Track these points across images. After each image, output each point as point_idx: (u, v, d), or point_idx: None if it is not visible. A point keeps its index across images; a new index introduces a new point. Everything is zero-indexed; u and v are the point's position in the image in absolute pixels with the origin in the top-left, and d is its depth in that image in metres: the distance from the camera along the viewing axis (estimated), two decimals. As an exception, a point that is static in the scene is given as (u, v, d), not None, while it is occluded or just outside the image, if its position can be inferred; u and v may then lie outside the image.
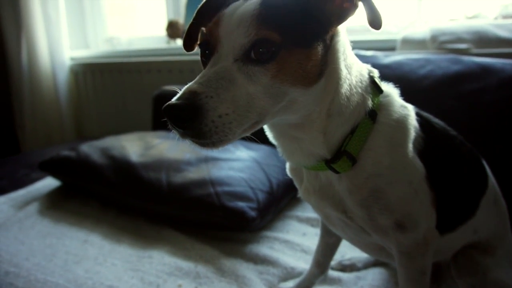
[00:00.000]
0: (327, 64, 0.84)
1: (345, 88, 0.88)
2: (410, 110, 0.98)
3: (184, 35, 0.90)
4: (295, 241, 1.59)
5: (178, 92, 0.75)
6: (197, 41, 0.97)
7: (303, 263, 1.45)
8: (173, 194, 1.64)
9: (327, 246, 1.28)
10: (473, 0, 2.59)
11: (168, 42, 3.31)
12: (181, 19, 3.20)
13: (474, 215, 1.04)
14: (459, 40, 2.11)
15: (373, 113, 0.92)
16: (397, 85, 1.02)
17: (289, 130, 0.91)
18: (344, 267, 1.42)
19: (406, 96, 1.03)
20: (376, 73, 0.98)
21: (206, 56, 0.83)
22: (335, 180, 0.94)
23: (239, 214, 1.51)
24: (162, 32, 3.31)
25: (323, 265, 1.30)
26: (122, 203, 1.84)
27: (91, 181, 1.87)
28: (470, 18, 2.59)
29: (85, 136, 3.46)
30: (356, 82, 0.91)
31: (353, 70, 0.91)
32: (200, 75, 0.78)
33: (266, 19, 0.75)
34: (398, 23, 2.68)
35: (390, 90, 0.99)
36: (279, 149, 1.00)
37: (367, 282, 1.34)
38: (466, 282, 1.04)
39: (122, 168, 1.81)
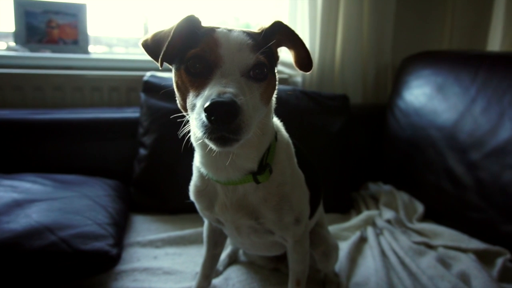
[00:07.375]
0: None
1: (272, 111, 1.08)
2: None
3: (163, 51, 0.91)
4: (153, 266, 1.58)
5: None
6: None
7: (173, 284, 1.49)
8: (-3, 254, 1.26)
9: (213, 258, 1.40)
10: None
11: None
12: None
13: (320, 203, 1.44)
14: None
15: (275, 133, 1.15)
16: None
17: None
18: (211, 274, 1.56)
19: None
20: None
21: (196, 67, 0.91)
22: (251, 192, 1.11)
23: (101, 255, 1.36)
24: None
25: (209, 276, 1.41)
26: None
27: None
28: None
29: None
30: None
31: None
32: (217, 82, 0.86)
33: (259, 49, 0.93)
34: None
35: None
36: (204, 168, 1.08)
37: (235, 280, 1.54)
38: (319, 251, 1.43)
39: None
